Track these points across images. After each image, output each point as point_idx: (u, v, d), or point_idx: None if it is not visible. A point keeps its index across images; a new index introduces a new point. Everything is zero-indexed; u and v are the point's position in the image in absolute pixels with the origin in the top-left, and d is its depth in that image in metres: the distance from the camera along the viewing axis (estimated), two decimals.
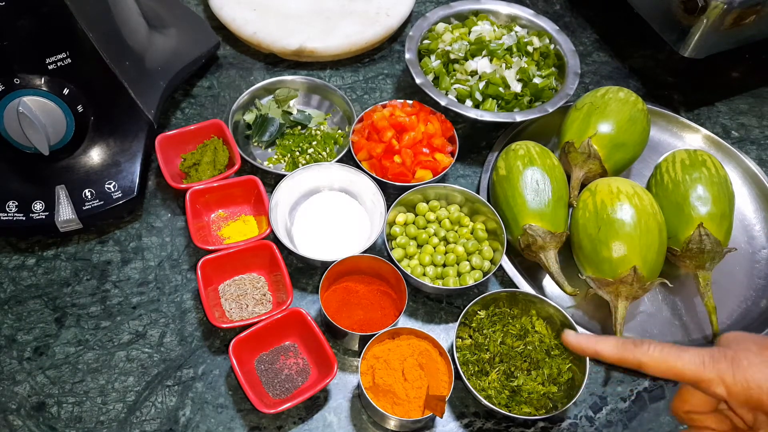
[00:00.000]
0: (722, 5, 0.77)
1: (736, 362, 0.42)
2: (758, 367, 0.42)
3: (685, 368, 0.43)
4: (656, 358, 0.45)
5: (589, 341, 0.49)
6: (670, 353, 0.44)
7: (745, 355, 0.43)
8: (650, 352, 0.45)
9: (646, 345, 0.45)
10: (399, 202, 0.73)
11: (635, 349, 0.46)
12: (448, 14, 0.91)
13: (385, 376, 0.60)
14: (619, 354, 0.46)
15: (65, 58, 0.66)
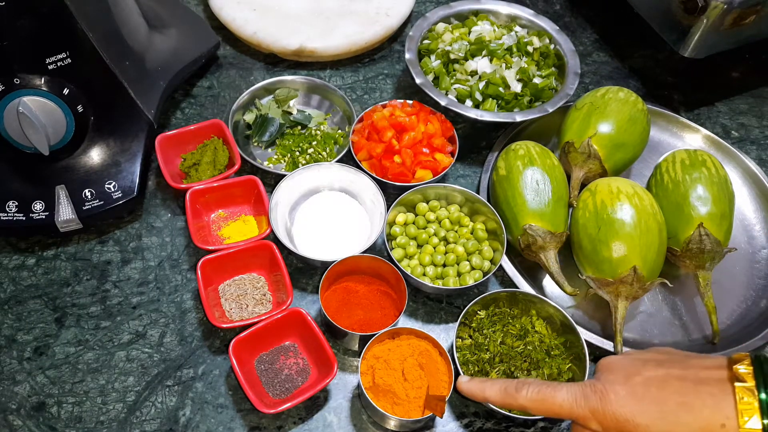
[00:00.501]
0: (722, 5, 0.77)
1: (604, 397, 0.44)
2: (625, 399, 0.43)
3: (562, 408, 0.46)
4: (534, 400, 0.47)
5: (478, 386, 0.51)
6: (546, 394, 0.47)
7: (612, 388, 0.44)
8: (529, 396, 0.47)
9: (525, 388, 0.48)
10: (399, 202, 0.73)
11: (516, 395, 0.48)
12: (448, 14, 0.91)
13: (385, 376, 0.60)
14: (503, 400, 0.49)
15: (65, 58, 0.66)
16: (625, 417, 0.43)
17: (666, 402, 0.42)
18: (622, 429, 0.43)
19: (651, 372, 0.45)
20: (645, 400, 0.43)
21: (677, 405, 0.42)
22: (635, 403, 0.43)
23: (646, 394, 0.43)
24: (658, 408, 0.42)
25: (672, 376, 0.44)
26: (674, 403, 0.42)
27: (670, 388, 0.43)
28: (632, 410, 0.43)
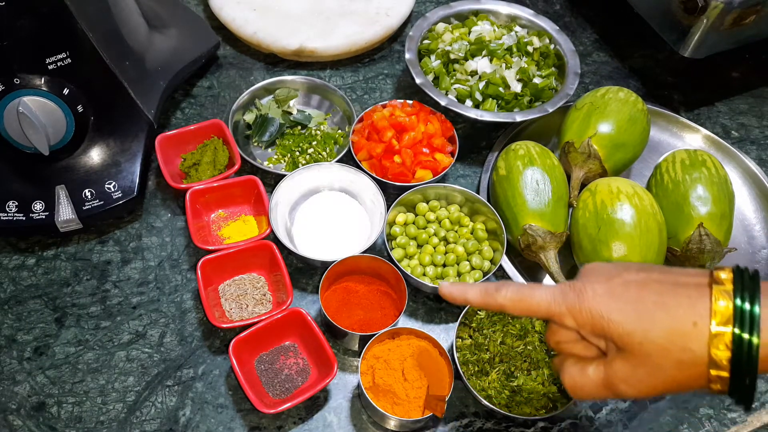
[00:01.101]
0: (722, 5, 0.77)
1: (582, 294, 0.44)
2: (601, 297, 0.43)
3: (539, 305, 0.45)
4: (513, 299, 0.47)
5: (459, 290, 0.50)
6: (524, 293, 0.46)
7: (591, 287, 0.44)
8: (508, 295, 0.47)
9: (504, 288, 0.47)
10: (399, 202, 0.73)
11: (495, 294, 0.47)
12: (448, 14, 0.91)
13: (385, 376, 0.60)
14: (483, 300, 0.48)
15: (65, 58, 0.66)
16: (600, 313, 0.43)
17: (642, 301, 0.42)
18: (596, 325, 0.43)
19: (632, 275, 0.45)
20: (622, 298, 0.43)
21: (653, 304, 0.42)
22: (612, 300, 0.43)
23: (624, 293, 0.43)
24: (634, 306, 0.42)
25: (652, 279, 0.44)
26: (650, 302, 0.42)
27: (648, 289, 0.43)
28: (608, 307, 0.43)
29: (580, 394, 0.47)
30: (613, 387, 0.44)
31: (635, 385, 0.43)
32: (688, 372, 0.41)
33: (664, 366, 0.42)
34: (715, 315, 0.40)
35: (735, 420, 0.67)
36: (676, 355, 0.41)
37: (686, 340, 0.41)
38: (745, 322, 0.39)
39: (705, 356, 0.40)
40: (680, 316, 0.41)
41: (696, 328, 0.40)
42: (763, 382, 0.69)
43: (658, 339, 0.41)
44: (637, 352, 0.42)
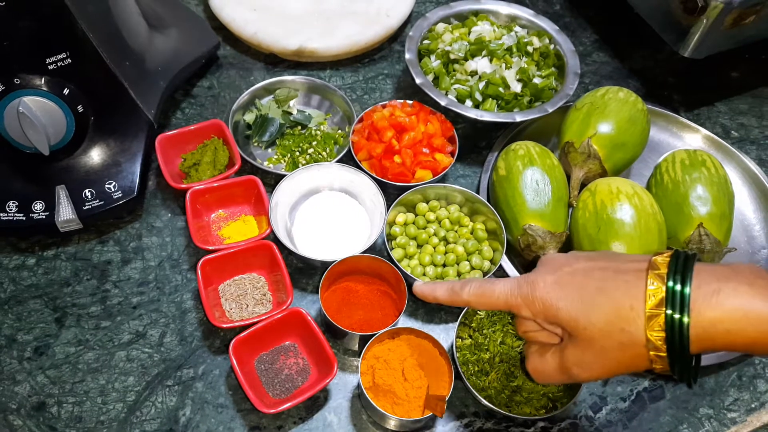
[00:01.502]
0: (722, 5, 0.77)
1: (534, 285, 0.48)
2: (551, 287, 0.47)
3: (498, 299, 0.49)
4: (476, 294, 0.51)
5: (429, 288, 0.54)
6: (486, 289, 0.50)
7: (542, 278, 0.48)
8: (471, 291, 0.51)
9: (468, 285, 0.51)
10: (399, 202, 0.73)
11: (460, 292, 0.51)
12: (448, 14, 0.91)
13: (385, 376, 0.60)
14: (450, 298, 0.52)
15: (65, 59, 0.66)
16: (549, 302, 0.46)
17: (585, 288, 0.45)
18: (547, 313, 0.46)
19: (580, 264, 0.47)
20: (568, 286, 0.46)
21: (595, 290, 0.45)
22: (559, 289, 0.46)
23: (570, 282, 0.46)
24: (578, 293, 0.45)
25: (597, 267, 0.47)
26: (593, 288, 0.45)
27: (592, 277, 0.46)
28: (556, 295, 0.46)
29: (541, 379, 0.50)
30: (567, 371, 0.47)
31: (586, 369, 0.46)
32: (630, 353, 0.43)
33: (607, 348, 0.44)
34: (649, 298, 0.42)
35: (735, 420, 0.67)
36: (616, 337, 0.43)
37: (624, 322, 0.43)
38: (676, 303, 0.41)
39: (643, 337, 0.42)
40: (618, 300, 0.43)
41: (633, 311, 0.43)
42: (763, 382, 0.69)
43: (599, 323, 0.44)
44: (583, 337, 0.45)
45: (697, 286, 0.41)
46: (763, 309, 0.40)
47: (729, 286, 0.41)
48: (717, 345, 0.42)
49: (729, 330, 0.40)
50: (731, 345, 0.41)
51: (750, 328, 0.40)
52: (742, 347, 0.41)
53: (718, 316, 0.40)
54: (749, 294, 0.40)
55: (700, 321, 0.41)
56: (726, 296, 0.41)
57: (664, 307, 0.42)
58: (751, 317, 0.40)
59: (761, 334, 0.40)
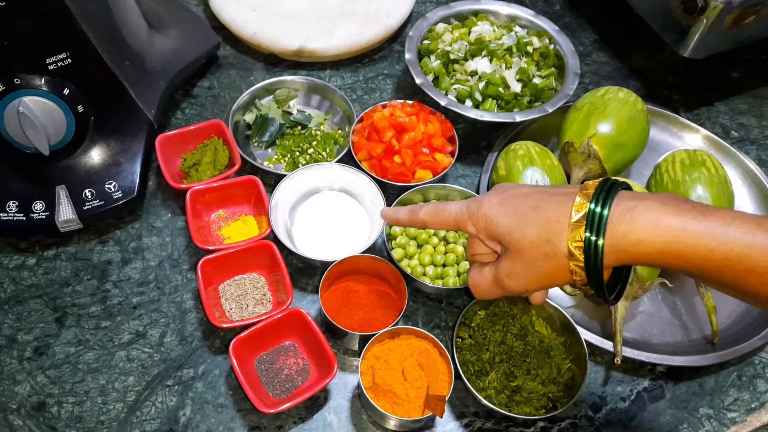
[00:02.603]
0: (722, 5, 0.77)
1: (480, 203, 0.52)
2: (495, 205, 0.51)
3: (449, 216, 0.54)
4: (431, 213, 0.56)
5: (393, 211, 0.60)
6: (439, 208, 0.55)
7: (488, 198, 0.52)
8: (427, 211, 0.56)
9: (425, 207, 0.57)
10: (399, 202, 0.73)
11: (419, 211, 0.57)
12: (448, 14, 0.91)
13: (385, 376, 0.60)
14: (410, 218, 0.58)
15: (65, 59, 0.66)
16: (491, 217, 0.51)
17: (523, 206, 0.50)
18: (488, 229, 0.51)
19: (524, 189, 0.52)
20: (509, 205, 0.51)
21: (530, 208, 0.49)
22: (501, 207, 0.51)
23: (511, 201, 0.51)
24: (516, 210, 0.50)
25: (537, 191, 0.51)
26: (529, 206, 0.49)
27: (530, 198, 0.50)
28: (498, 212, 0.50)
29: (479, 292, 0.54)
30: (500, 282, 0.52)
31: (515, 279, 0.50)
32: (554, 264, 0.48)
33: (535, 259, 0.48)
34: (573, 214, 0.46)
35: (735, 420, 0.67)
36: (543, 248, 0.48)
37: (551, 235, 0.47)
38: (594, 223, 0.45)
39: (566, 249, 0.47)
40: (548, 215, 0.48)
41: (559, 224, 0.47)
42: (763, 382, 0.69)
43: (530, 235, 0.48)
44: (515, 248, 0.49)
45: (616, 205, 0.45)
46: (670, 222, 0.44)
47: (644, 203, 0.45)
48: (629, 256, 0.45)
49: (639, 240, 0.44)
50: (642, 256, 0.45)
51: (657, 239, 0.44)
52: (652, 258, 0.45)
53: (630, 229, 0.44)
54: (660, 210, 0.44)
55: (614, 234, 0.45)
56: (639, 212, 0.44)
57: (584, 223, 0.46)
58: (659, 229, 0.44)
59: (666, 245, 0.44)
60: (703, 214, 0.44)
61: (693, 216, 0.44)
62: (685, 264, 0.44)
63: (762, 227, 0.42)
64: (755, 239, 0.42)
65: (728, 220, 0.43)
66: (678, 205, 0.45)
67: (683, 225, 0.43)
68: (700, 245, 0.43)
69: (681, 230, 0.43)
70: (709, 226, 0.43)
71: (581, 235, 0.46)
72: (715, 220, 0.43)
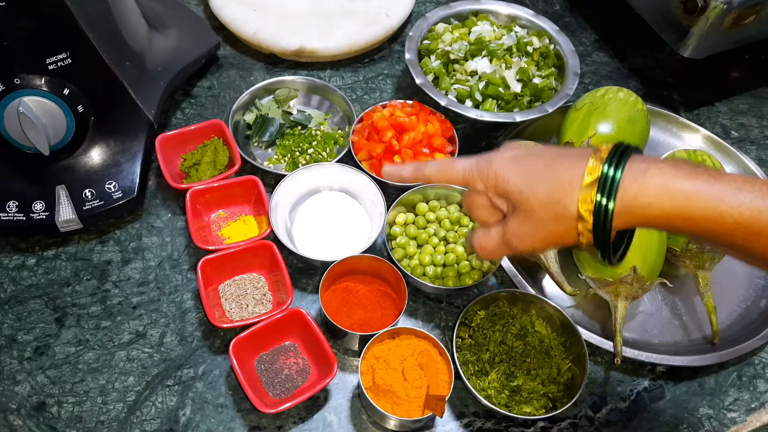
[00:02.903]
0: (722, 5, 0.77)
1: (490, 161, 0.51)
2: (506, 162, 0.50)
3: (457, 173, 0.53)
4: (437, 170, 0.55)
5: (396, 168, 0.58)
6: (446, 164, 0.55)
7: (499, 155, 0.51)
8: (433, 167, 0.55)
9: (431, 163, 0.56)
10: (399, 202, 0.73)
11: (424, 168, 0.56)
12: (448, 14, 0.91)
13: (385, 376, 0.60)
14: (414, 175, 0.56)
15: (65, 59, 0.66)
16: (501, 175, 0.50)
17: (535, 165, 0.49)
18: (498, 186, 0.50)
19: (536, 149, 0.52)
20: (521, 164, 0.50)
21: (543, 167, 0.49)
22: (513, 165, 0.50)
23: (523, 161, 0.50)
24: (528, 170, 0.49)
25: (550, 151, 0.51)
26: (542, 166, 0.49)
27: (543, 157, 0.50)
28: (509, 170, 0.50)
29: (485, 254, 0.54)
30: (507, 242, 0.51)
31: (523, 239, 0.50)
32: (563, 225, 0.48)
33: (544, 219, 0.48)
34: (586, 174, 0.46)
35: (735, 420, 0.67)
36: (553, 208, 0.47)
37: (562, 195, 0.47)
38: (606, 185, 0.45)
39: (575, 210, 0.46)
40: (561, 176, 0.48)
41: (571, 186, 0.47)
42: (763, 382, 0.69)
43: (541, 195, 0.48)
44: (525, 207, 0.49)
45: (628, 168, 0.45)
46: (681, 185, 0.44)
47: (656, 167, 0.45)
48: (639, 218, 0.45)
49: (650, 203, 0.44)
50: (652, 219, 0.45)
51: (667, 202, 0.44)
52: (661, 221, 0.45)
53: (641, 191, 0.44)
54: (672, 174, 0.44)
55: (625, 196, 0.45)
56: (651, 175, 0.45)
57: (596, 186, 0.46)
58: (670, 192, 0.44)
59: (676, 208, 0.44)
60: (715, 178, 0.44)
61: (704, 179, 0.44)
62: (695, 227, 0.44)
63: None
64: (765, 204, 0.42)
65: (739, 184, 0.43)
66: (690, 169, 0.45)
67: (694, 188, 0.44)
68: (711, 208, 0.43)
69: (692, 193, 0.43)
70: (720, 190, 0.43)
71: (592, 197, 0.46)
72: (727, 184, 0.43)
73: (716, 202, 0.43)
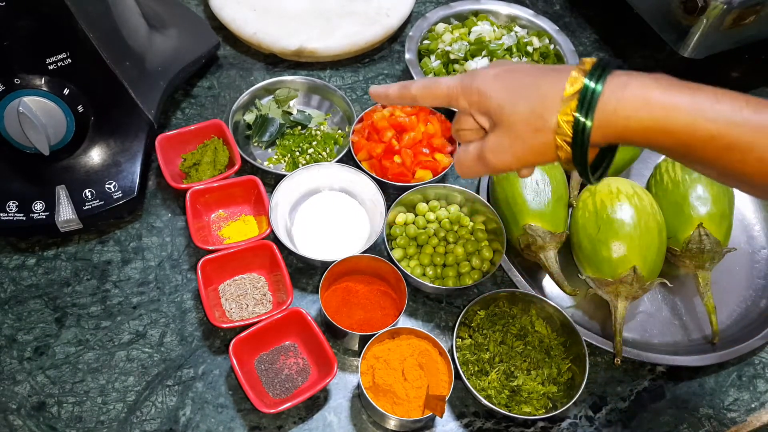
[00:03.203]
0: (722, 5, 0.77)
1: (474, 77, 0.51)
2: (489, 78, 0.50)
3: (441, 91, 0.53)
4: (422, 88, 0.54)
5: (383, 88, 0.58)
6: (432, 82, 0.54)
7: (483, 71, 0.51)
8: (419, 85, 0.54)
9: (417, 82, 0.55)
10: (399, 202, 0.73)
11: (410, 86, 0.55)
12: (448, 14, 0.91)
13: (385, 376, 0.60)
14: (400, 93, 0.56)
15: (65, 59, 0.66)
16: (484, 91, 0.50)
17: (519, 81, 0.49)
18: (481, 103, 0.50)
19: (522, 66, 0.51)
20: (504, 80, 0.50)
21: (526, 84, 0.48)
22: (495, 81, 0.50)
23: (507, 77, 0.50)
24: (511, 85, 0.49)
25: (535, 68, 0.50)
26: (525, 82, 0.49)
27: (527, 74, 0.49)
28: (492, 86, 0.49)
29: (462, 170, 0.54)
30: (483, 158, 0.51)
31: (500, 154, 0.50)
32: (541, 139, 0.47)
33: (524, 133, 0.48)
34: (567, 87, 0.46)
35: (735, 420, 0.67)
36: (533, 122, 0.47)
37: (543, 109, 0.47)
38: (586, 98, 0.45)
39: (555, 123, 0.46)
40: (543, 91, 0.47)
41: (552, 100, 0.46)
42: (763, 382, 0.69)
43: (523, 110, 0.48)
44: (505, 123, 0.49)
45: (609, 82, 0.45)
46: (660, 97, 0.44)
47: (637, 80, 0.45)
48: (617, 132, 0.45)
49: (629, 116, 0.44)
50: (630, 132, 0.45)
51: (646, 115, 0.44)
52: (638, 135, 0.45)
53: (620, 103, 0.44)
54: (652, 86, 0.44)
55: (604, 109, 0.45)
56: (632, 88, 0.44)
57: (577, 96, 0.45)
58: (649, 104, 0.44)
59: (654, 121, 0.44)
60: (694, 91, 0.44)
61: (683, 92, 0.44)
62: (671, 140, 0.44)
63: (750, 105, 0.43)
64: (742, 116, 0.42)
65: (718, 97, 0.43)
66: (670, 82, 0.45)
67: (673, 101, 0.44)
68: (688, 121, 0.43)
69: (670, 106, 0.43)
70: (697, 102, 0.43)
71: (572, 107, 0.45)
72: (705, 96, 0.43)
73: (693, 116, 0.43)
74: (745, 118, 0.42)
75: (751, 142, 0.42)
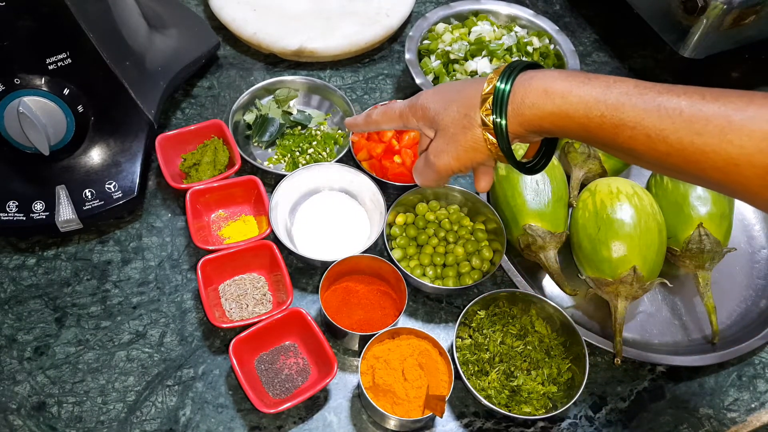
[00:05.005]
0: (722, 5, 0.77)
1: (418, 96, 0.59)
2: (430, 95, 0.58)
3: (395, 112, 0.60)
4: (381, 113, 0.62)
5: (352, 120, 0.66)
6: (387, 107, 0.61)
7: (427, 91, 0.59)
8: (378, 112, 0.62)
9: (377, 109, 0.63)
10: (399, 203, 0.73)
11: (372, 113, 0.63)
12: (448, 14, 0.91)
13: (385, 376, 0.60)
14: (366, 122, 0.64)
15: (65, 59, 0.66)
16: (425, 105, 0.57)
17: (451, 89, 0.56)
18: (426, 116, 0.57)
19: (458, 81, 0.58)
20: (440, 92, 0.57)
21: (456, 89, 0.56)
22: (434, 95, 0.57)
23: (443, 89, 0.57)
24: (445, 95, 0.56)
25: (466, 79, 0.58)
26: (455, 89, 0.56)
27: (459, 84, 0.57)
28: (431, 99, 0.57)
29: (417, 177, 0.61)
30: (429, 161, 0.57)
31: (440, 155, 0.56)
32: (471, 135, 0.53)
33: (456, 134, 0.54)
34: (484, 89, 0.52)
35: (735, 420, 0.67)
36: (461, 121, 0.54)
37: (467, 109, 0.53)
38: (498, 96, 0.51)
39: (479, 119, 0.52)
40: (467, 94, 0.54)
41: (475, 100, 0.53)
42: (763, 382, 0.69)
43: (453, 113, 0.54)
44: (441, 127, 0.56)
45: (518, 78, 0.51)
46: (560, 86, 0.49)
47: (541, 74, 0.51)
48: (528, 120, 0.50)
49: (533, 104, 0.50)
50: (537, 120, 0.50)
51: (549, 102, 0.49)
52: (545, 121, 0.50)
53: (526, 94, 0.50)
54: (554, 77, 0.50)
55: (514, 100, 0.50)
56: (537, 80, 0.50)
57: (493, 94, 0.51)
58: (549, 92, 0.49)
59: (556, 107, 0.49)
60: (589, 79, 0.49)
61: (579, 80, 0.49)
62: (571, 123, 0.49)
63: (639, 89, 0.47)
64: (629, 99, 0.46)
65: (610, 84, 0.48)
66: (570, 73, 0.50)
67: (569, 87, 0.48)
68: (582, 105, 0.48)
69: (567, 92, 0.48)
70: (591, 88, 0.48)
71: (489, 103, 0.51)
72: (599, 83, 0.48)
73: (587, 100, 0.48)
74: (632, 99, 0.46)
75: (636, 120, 0.46)
